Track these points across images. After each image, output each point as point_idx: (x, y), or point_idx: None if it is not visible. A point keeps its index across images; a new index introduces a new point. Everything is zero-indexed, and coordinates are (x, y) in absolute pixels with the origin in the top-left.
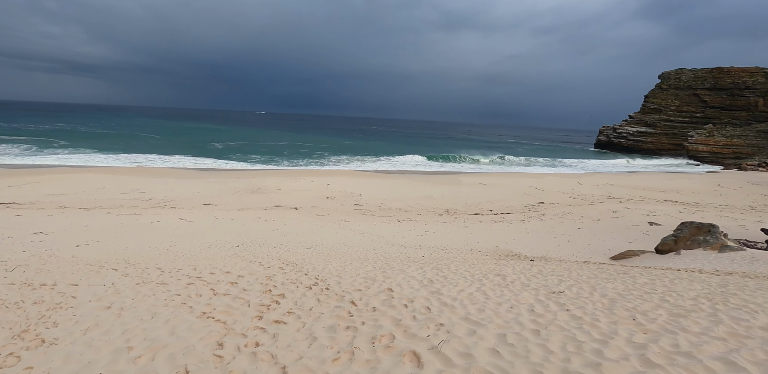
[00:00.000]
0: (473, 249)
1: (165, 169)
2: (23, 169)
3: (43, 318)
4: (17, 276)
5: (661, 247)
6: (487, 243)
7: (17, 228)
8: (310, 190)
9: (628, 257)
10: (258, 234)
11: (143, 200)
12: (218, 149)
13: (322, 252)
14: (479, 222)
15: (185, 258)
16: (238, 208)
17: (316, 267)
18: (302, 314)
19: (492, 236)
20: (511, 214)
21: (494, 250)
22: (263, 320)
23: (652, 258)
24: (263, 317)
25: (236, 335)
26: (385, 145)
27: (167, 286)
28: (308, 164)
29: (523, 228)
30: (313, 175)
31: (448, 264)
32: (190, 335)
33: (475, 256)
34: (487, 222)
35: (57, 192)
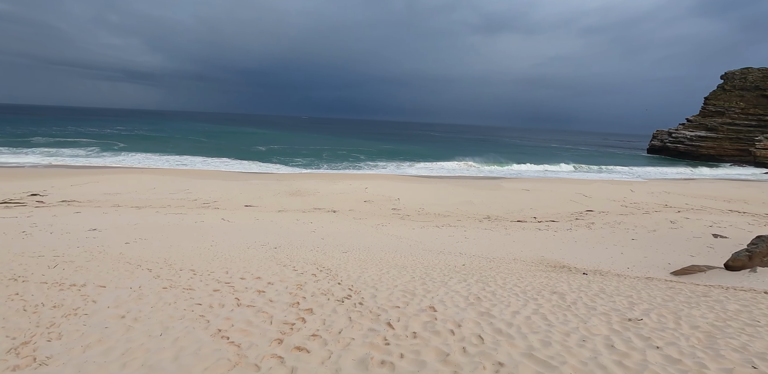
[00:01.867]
0: (516, 259)
1: (210, 171)
2: (86, 169)
3: (52, 326)
4: (55, 274)
5: (733, 263)
6: (532, 252)
7: (75, 225)
8: (348, 194)
9: (692, 273)
10: (296, 236)
11: (189, 200)
12: (261, 152)
13: (358, 257)
14: (522, 229)
15: (222, 259)
16: (278, 210)
17: (351, 275)
18: (330, 339)
19: (536, 245)
20: (556, 222)
21: (540, 260)
22: (283, 345)
23: (721, 276)
24: (284, 341)
25: (248, 366)
26: (423, 149)
27: (192, 293)
28: (346, 168)
29: (570, 238)
30: (351, 179)
31: (494, 276)
32: (195, 363)
33: (519, 266)
34: (531, 230)
35: (113, 191)
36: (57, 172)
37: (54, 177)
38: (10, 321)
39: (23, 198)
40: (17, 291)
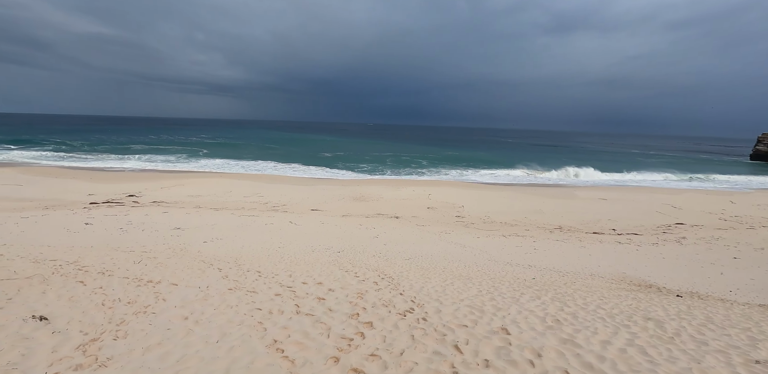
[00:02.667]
0: (594, 274)
1: (280, 176)
2: (174, 173)
3: (122, 324)
4: (137, 269)
5: None
6: (611, 267)
7: (162, 224)
8: (411, 200)
9: None
10: (358, 241)
11: (261, 203)
12: (327, 158)
13: (421, 265)
14: (599, 242)
15: (287, 261)
16: (342, 215)
17: (413, 284)
18: (390, 361)
19: (617, 260)
20: (640, 235)
21: (621, 277)
22: (339, 365)
23: None
24: (340, 360)
25: None
26: (489, 156)
27: (255, 296)
28: (410, 174)
29: (656, 253)
30: (415, 185)
31: (571, 294)
32: None
33: (598, 283)
34: (610, 243)
35: (195, 193)
36: (150, 176)
37: (148, 180)
38: (88, 315)
39: (122, 199)
40: (102, 285)
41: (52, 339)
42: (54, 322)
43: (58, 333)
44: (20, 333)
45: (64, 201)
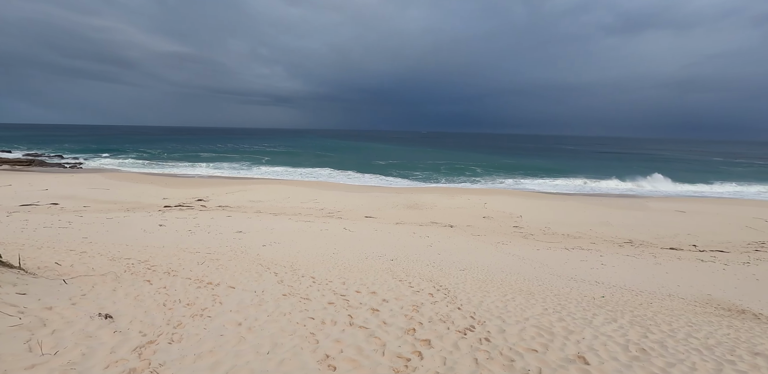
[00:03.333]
0: (672, 295)
1: (335, 183)
2: (238, 179)
3: (179, 326)
4: (200, 270)
5: None
6: (693, 288)
7: (226, 227)
8: (466, 208)
9: None
10: (412, 249)
11: (317, 209)
12: (381, 166)
13: (477, 276)
14: (677, 259)
15: (341, 268)
16: (396, 222)
17: (472, 298)
18: None
19: (699, 279)
20: (726, 253)
21: (706, 300)
22: None
23: None
24: None
25: None
26: (548, 163)
27: (308, 303)
28: (464, 182)
29: (748, 274)
30: (470, 193)
31: (653, 318)
32: None
33: (678, 305)
34: (690, 261)
35: (256, 199)
36: (217, 182)
37: (214, 186)
38: (149, 316)
39: (192, 203)
40: (166, 284)
41: (113, 339)
42: (118, 321)
43: (119, 332)
44: (85, 330)
45: (142, 204)
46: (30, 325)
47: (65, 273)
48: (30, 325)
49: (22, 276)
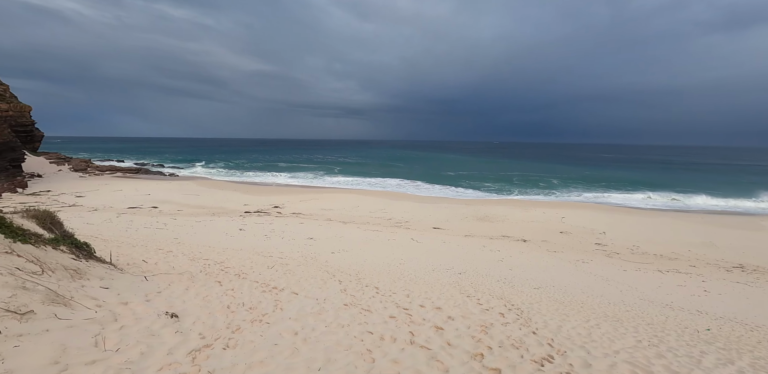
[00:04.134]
0: None
1: (404, 194)
2: (311, 188)
3: (237, 331)
4: (268, 274)
5: None
6: None
7: (298, 233)
8: (542, 222)
9: None
10: (482, 263)
11: (385, 219)
12: (451, 176)
13: (554, 296)
14: None
15: (406, 279)
16: (465, 235)
17: (549, 322)
18: None
19: None
20: None
21: None
22: None
23: None
24: None
25: None
26: (634, 175)
27: (368, 316)
28: (539, 194)
29: None
30: (545, 206)
31: None
32: None
33: None
34: None
35: (327, 207)
36: (292, 190)
37: (289, 194)
38: (212, 318)
39: (269, 210)
40: (234, 287)
41: (173, 339)
42: (182, 320)
43: (180, 333)
44: (150, 328)
45: (226, 210)
46: (102, 319)
47: (148, 270)
48: (102, 319)
49: (110, 271)
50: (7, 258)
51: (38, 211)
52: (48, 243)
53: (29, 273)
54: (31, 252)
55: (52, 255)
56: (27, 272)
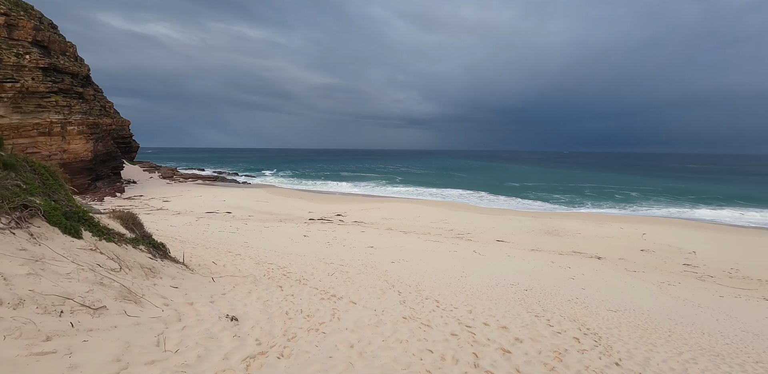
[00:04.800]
0: None
1: (466, 204)
2: (373, 197)
3: (293, 339)
4: (328, 281)
5: None
6: None
7: (359, 241)
8: (618, 238)
9: None
10: (550, 280)
11: (446, 230)
12: (516, 187)
13: (636, 322)
14: None
15: (468, 293)
16: (531, 249)
17: (633, 351)
18: None
19: None
20: None
21: None
22: None
23: None
24: None
25: None
26: (730, 189)
27: (428, 332)
28: (614, 207)
29: None
30: (622, 221)
31: None
32: None
33: None
34: None
35: (388, 216)
36: (354, 199)
37: (351, 202)
38: (270, 323)
39: (332, 217)
40: (294, 292)
41: (230, 343)
42: (241, 324)
43: (238, 338)
44: (210, 331)
45: (292, 216)
46: (167, 318)
47: (216, 272)
48: (167, 318)
49: (182, 271)
50: (91, 254)
51: (122, 212)
52: (129, 242)
53: (108, 270)
54: (113, 250)
55: (131, 254)
56: (106, 268)
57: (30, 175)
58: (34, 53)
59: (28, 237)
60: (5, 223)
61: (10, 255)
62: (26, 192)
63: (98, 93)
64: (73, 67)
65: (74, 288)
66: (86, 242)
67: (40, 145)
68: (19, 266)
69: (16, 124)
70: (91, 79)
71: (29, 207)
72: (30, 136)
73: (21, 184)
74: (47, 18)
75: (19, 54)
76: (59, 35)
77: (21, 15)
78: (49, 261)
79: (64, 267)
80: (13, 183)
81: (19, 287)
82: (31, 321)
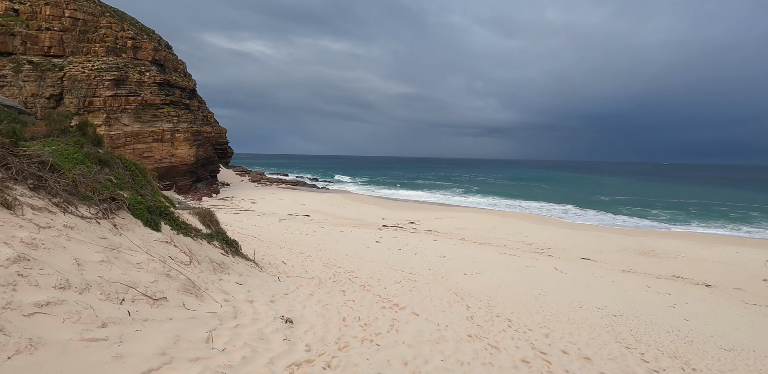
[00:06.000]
0: None
1: (547, 217)
2: (447, 206)
3: (344, 348)
4: (393, 289)
5: None
6: None
7: (431, 250)
8: (734, 264)
9: None
10: (645, 307)
11: (524, 244)
12: (604, 202)
13: (756, 366)
14: None
15: (546, 314)
16: (622, 270)
17: None
18: None
19: None
20: None
21: None
22: None
23: None
24: None
25: None
26: None
27: (495, 356)
28: (727, 228)
29: None
30: (739, 244)
31: None
32: None
33: None
34: None
35: (462, 226)
36: (428, 207)
37: (425, 210)
38: (325, 329)
39: (405, 225)
40: (356, 298)
41: (279, 347)
42: (295, 327)
43: (288, 342)
44: (263, 331)
45: (365, 222)
46: (223, 315)
47: (284, 271)
48: (223, 315)
49: (250, 269)
50: (165, 247)
51: (201, 209)
52: (204, 237)
53: (178, 263)
54: (188, 244)
55: (204, 249)
56: (177, 261)
57: (121, 171)
58: (152, 70)
59: (111, 227)
60: (93, 213)
61: (90, 243)
62: (116, 186)
63: (201, 104)
64: (183, 81)
65: (140, 278)
66: (163, 235)
67: (153, 150)
68: (95, 253)
69: (136, 131)
70: (196, 92)
71: (116, 200)
72: (146, 142)
73: (113, 179)
74: (165, 40)
75: (141, 72)
76: (173, 54)
77: (144, 38)
78: (125, 250)
79: (137, 257)
80: (106, 177)
81: (89, 273)
82: (91, 307)
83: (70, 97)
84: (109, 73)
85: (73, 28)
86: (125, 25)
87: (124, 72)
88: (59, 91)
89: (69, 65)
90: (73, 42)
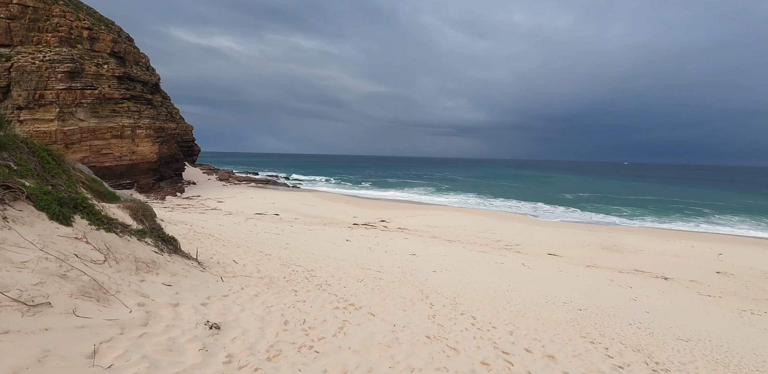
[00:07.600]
0: None
1: (516, 215)
2: (418, 204)
3: (274, 358)
4: (353, 288)
5: None
6: None
7: (402, 248)
8: (689, 258)
9: None
10: (608, 301)
11: (493, 241)
12: (568, 199)
13: (713, 355)
14: None
15: (512, 310)
16: (586, 265)
17: None
18: None
19: None
20: None
21: None
22: None
23: None
24: None
25: None
26: None
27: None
28: (681, 223)
29: None
30: (694, 239)
31: None
32: None
33: None
34: None
35: (433, 224)
36: (399, 205)
37: (396, 209)
38: (258, 335)
39: (376, 223)
40: (307, 298)
41: (191, 360)
42: (222, 334)
43: (204, 352)
44: (176, 340)
45: (336, 220)
46: (129, 322)
47: (231, 271)
48: (129, 322)
49: (189, 268)
50: (73, 243)
51: (133, 203)
52: (134, 234)
53: (86, 262)
54: (108, 240)
55: (131, 246)
56: (85, 260)
57: (26, 156)
58: (111, 63)
59: None
60: None
61: None
62: (15, 173)
63: (166, 100)
64: (145, 75)
65: (19, 280)
66: (74, 230)
67: (112, 147)
68: None
69: (93, 127)
70: (159, 87)
71: (11, 189)
72: (104, 138)
73: (11, 165)
74: (125, 32)
75: (99, 64)
76: (134, 47)
77: (102, 29)
78: (9, 246)
79: (24, 254)
80: (2, 163)
81: None
82: None
83: (18, 90)
84: (63, 64)
85: (22, 15)
86: (81, 15)
87: (79, 64)
88: (6, 83)
89: (17, 55)
90: (21, 31)
